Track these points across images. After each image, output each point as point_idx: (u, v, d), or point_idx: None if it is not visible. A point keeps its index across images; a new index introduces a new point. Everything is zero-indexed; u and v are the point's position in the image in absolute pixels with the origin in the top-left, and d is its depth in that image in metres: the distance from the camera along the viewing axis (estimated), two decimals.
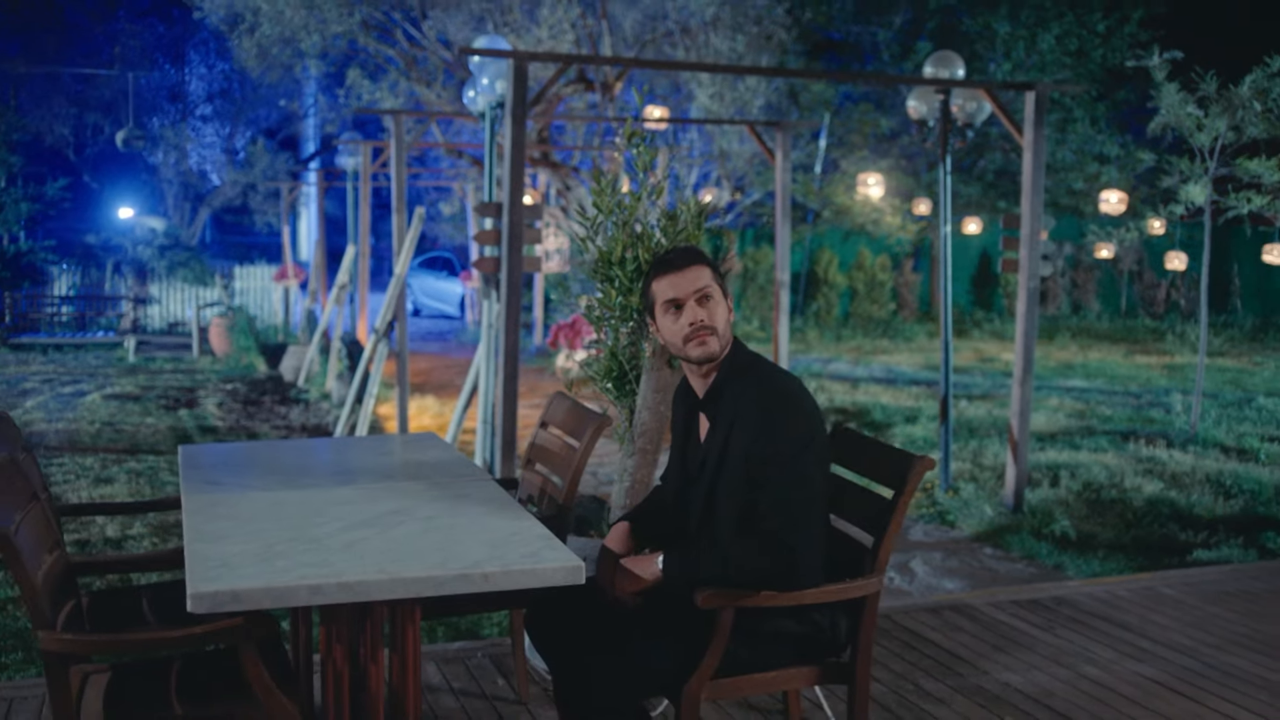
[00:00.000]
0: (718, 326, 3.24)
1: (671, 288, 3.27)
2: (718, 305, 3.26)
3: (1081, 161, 23.76)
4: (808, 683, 3.31)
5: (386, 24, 16.82)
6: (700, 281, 3.24)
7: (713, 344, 3.24)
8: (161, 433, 11.68)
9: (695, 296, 3.24)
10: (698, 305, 3.24)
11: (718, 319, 3.24)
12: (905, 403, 13.66)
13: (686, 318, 3.24)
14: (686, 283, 3.25)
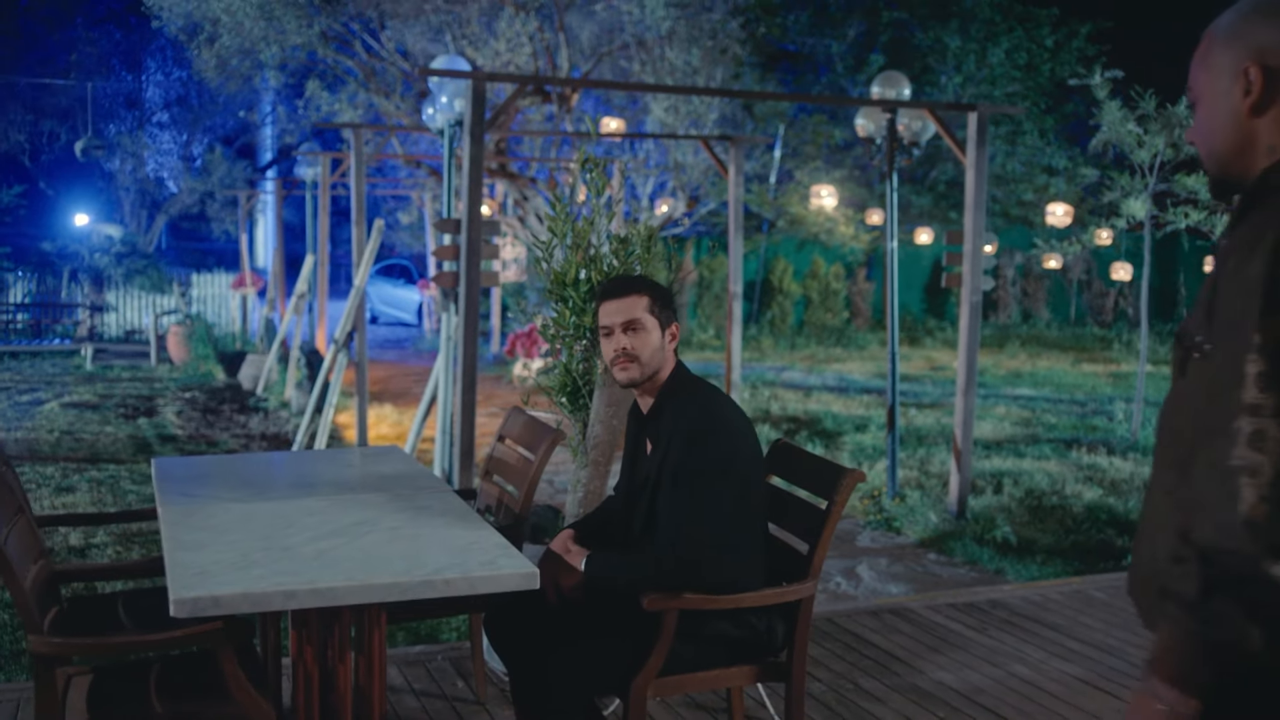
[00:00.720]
0: (641, 355, 3.50)
1: (605, 315, 3.54)
2: (647, 334, 3.51)
3: (1031, 173, 24.24)
4: (747, 681, 3.55)
5: (345, 35, 16.97)
6: (632, 312, 3.50)
7: (633, 370, 3.51)
8: (121, 441, 11.77)
9: (623, 326, 3.50)
10: (624, 334, 3.50)
11: (642, 348, 3.49)
12: (856, 411, 13.96)
13: (613, 344, 3.51)
14: (619, 312, 3.51)
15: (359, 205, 11.21)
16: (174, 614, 2.81)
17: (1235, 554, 1.71)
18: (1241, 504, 1.71)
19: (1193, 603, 1.76)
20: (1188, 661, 1.78)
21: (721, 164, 11.09)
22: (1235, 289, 1.81)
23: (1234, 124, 1.96)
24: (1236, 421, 1.74)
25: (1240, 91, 1.94)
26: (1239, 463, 1.72)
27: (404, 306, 26.37)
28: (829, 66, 24.71)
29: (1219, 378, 1.79)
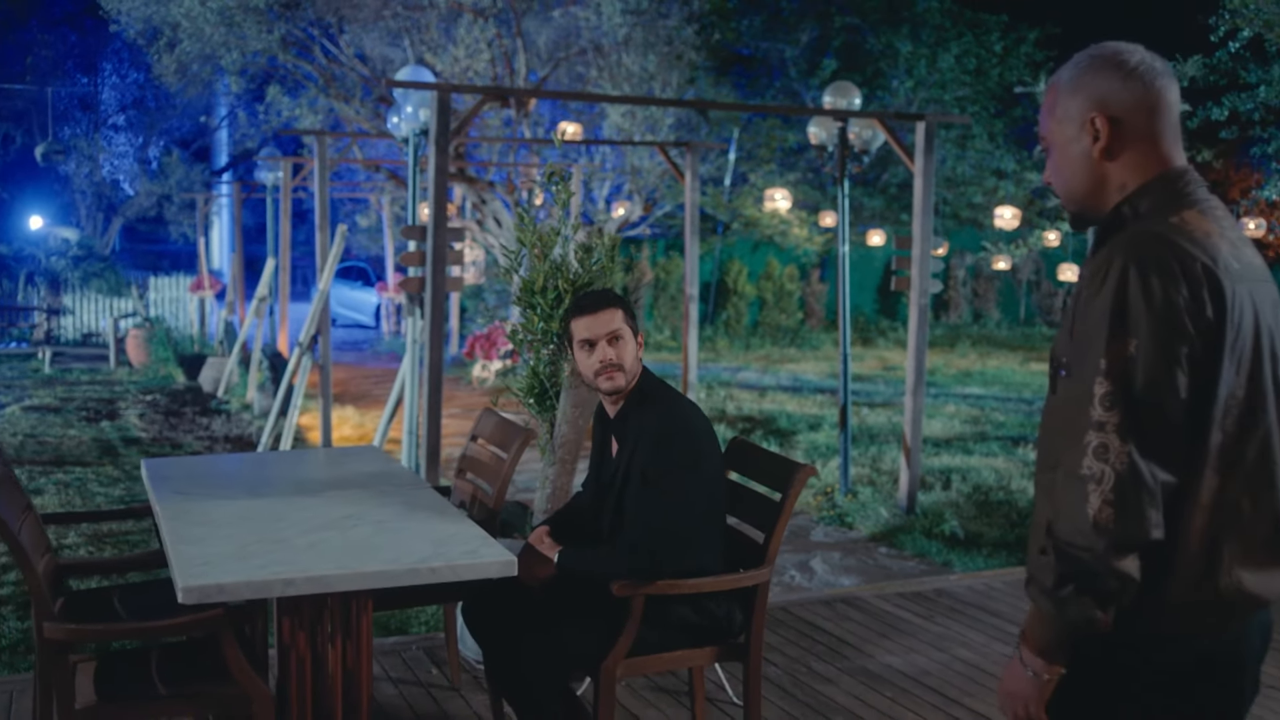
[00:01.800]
0: (625, 364, 3.78)
1: (586, 329, 3.80)
2: (626, 344, 3.79)
3: (980, 176, 24.69)
4: (708, 661, 3.83)
5: (305, 41, 17.12)
6: (612, 324, 3.77)
7: (619, 379, 3.80)
8: (85, 444, 11.89)
9: (607, 337, 3.77)
10: (608, 345, 3.78)
11: (625, 357, 3.77)
12: (810, 410, 14.29)
13: (598, 356, 3.78)
14: (600, 325, 3.78)
15: (323, 210, 11.41)
16: (182, 600, 3.05)
17: (1086, 550, 2.00)
18: (1089, 508, 2.00)
19: (1049, 590, 2.05)
20: (1049, 637, 2.10)
21: (678, 169, 11.37)
22: (1087, 316, 2.08)
23: (1087, 167, 2.24)
24: (1086, 436, 2.02)
25: (1089, 138, 2.22)
26: (1087, 472, 2.01)
27: (361, 309, 26.50)
28: (782, 71, 25.07)
29: (1076, 395, 2.06)
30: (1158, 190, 2.18)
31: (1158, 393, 2.00)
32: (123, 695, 3.34)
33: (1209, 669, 2.15)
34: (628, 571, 3.58)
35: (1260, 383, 2.11)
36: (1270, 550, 2.14)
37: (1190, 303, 2.02)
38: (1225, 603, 2.11)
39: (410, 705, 4.68)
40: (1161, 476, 2.01)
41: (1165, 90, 2.22)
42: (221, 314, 20.05)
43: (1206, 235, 2.09)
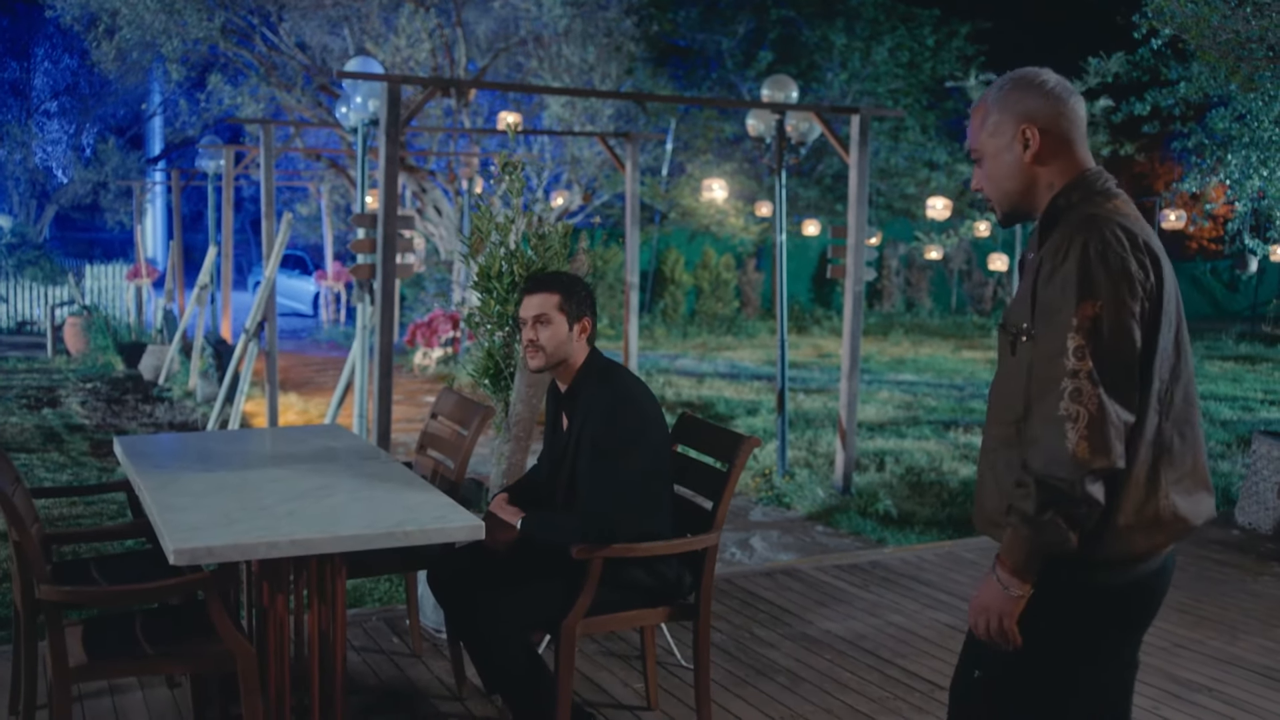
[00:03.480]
0: (546, 346, 4.05)
1: (522, 308, 4.09)
2: (554, 328, 4.05)
3: (913, 167, 25.17)
4: (661, 619, 4.10)
5: (246, 29, 17.15)
6: (542, 308, 4.04)
7: (539, 359, 4.07)
8: (28, 431, 11.92)
9: (534, 319, 4.03)
10: (533, 326, 4.03)
11: (548, 340, 4.03)
12: (747, 396, 14.61)
13: (525, 335, 4.05)
14: (531, 307, 4.07)
15: (269, 199, 11.53)
16: (174, 563, 3.26)
17: (1063, 480, 2.38)
18: (1068, 443, 2.37)
19: (1030, 516, 2.42)
20: (1024, 558, 2.45)
21: (619, 159, 11.60)
22: (1054, 285, 2.45)
23: (1020, 171, 2.65)
24: (1061, 383, 2.40)
25: (1020, 147, 2.62)
26: (1064, 413, 2.38)
27: (299, 297, 26.48)
28: (719, 62, 25.39)
29: (1047, 351, 2.44)
30: (1083, 186, 2.59)
31: (1120, 344, 2.40)
32: (112, 654, 3.54)
33: (1139, 592, 2.57)
34: (585, 536, 3.84)
35: (1181, 340, 2.55)
36: (1194, 479, 2.57)
37: (1140, 270, 2.43)
38: (1162, 524, 2.51)
39: (374, 671, 4.90)
40: (1124, 416, 2.40)
41: (1076, 105, 2.64)
42: (160, 302, 19.99)
43: (1136, 219, 2.54)
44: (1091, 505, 2.40)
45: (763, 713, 4.60)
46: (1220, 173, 10.04)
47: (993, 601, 2.51)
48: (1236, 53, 8.26)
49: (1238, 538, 7.48)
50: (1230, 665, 5.21)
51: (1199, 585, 6.41)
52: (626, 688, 4.80)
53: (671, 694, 4.74)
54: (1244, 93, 8.94)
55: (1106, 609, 2.56)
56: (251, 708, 3.51)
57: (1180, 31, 8.38)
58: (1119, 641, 2.63)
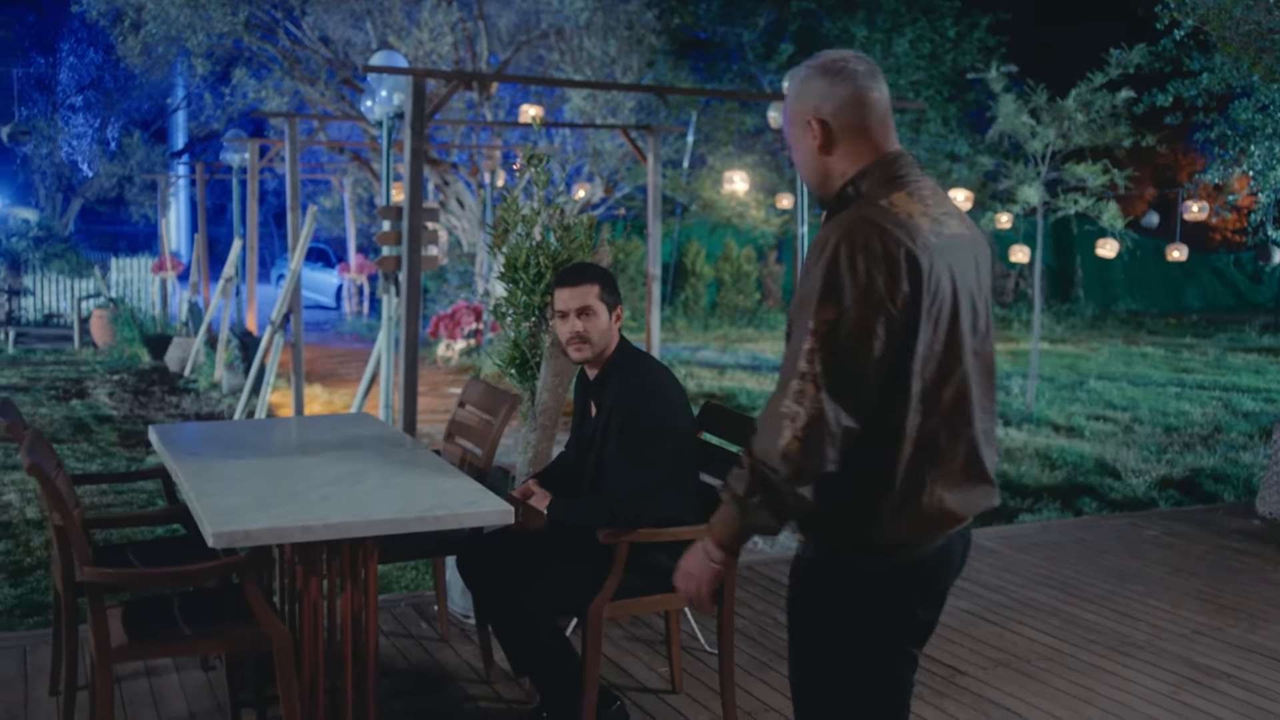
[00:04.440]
0: (592, 337, 4.11)
1: (561, 300, 4.14)
2: (597, 318, 4.11)
3: (934, 159, 25.14)
4: (685, 604, 4.18)
5: (269, 23, 17.27)
6: (586, 299, 4.10)
7: (586, 350, 4.13)
8: (58, 422, 12.06)
9: (577, 311, 4.09)
10: (578, 318, 4.11)
11: (593, 330, 4.10)
12: (769, 388, 14.67)
13: (568, 327, 4.12)
14: (574, 298, 4.11)
15: (294, 192, 11.64)
16: (213, 545, 3.35)
17: (773, 472, 2.41)
18: (781, 439, 2.40)
19: (739, 498, 2.47)
20: (731, 535, 2.54)
21: (640, 152, 11.67)
22: (807, 282, 2.48)
23: (813, 161, 2.65)
24: (792, 382, 2.42)
25: (810, 138, 2.62)
26: (785, 410, 2.41)
27: (322, 290, 26.65)
28: (740, 54, 25.39)
29: (793, 348, 2.47)
30: (874, 173, 2.58)
31: (853, 353, 2.40)
32: (151, 635, 3.64)
33: (919, 574, 2.61)
34: (611, 520, 3.91)
35: (957, 337, 2.54)
36: (966, 475, 2.59)
37: (888, 280, 2.41)
38: (927, 518, 2.55)
39: (404, 655, 5.00)
40: (845, 422, 2.41)
41: (868, 90, 2.60)
42: (185, 294, 20.16)
43: (910, 216, 2.49)
44: (799, 501, 2.43)
45: (785, 696, 4.67)
46: (1243, 164, 10.05)
47: (695, 568, 2.62)
48: (1258, 44, 8.27)
49: (1259, 527, 7.52)
50: (1250, 653, 5.26)
51: (1219, 574, 6.46)
52: (651, 671, 4.88)
53: (695, 677, 4.82)
54: (1266, 84, 8.96)
55: (880, 593, 2.60)
56: (287, 688, 3.60)
57: (1202, 23, 8.39)
58: (897, 623, 2.65)
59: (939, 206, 2.60)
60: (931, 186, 2.62)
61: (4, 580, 6.58)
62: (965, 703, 4.65)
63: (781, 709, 4.56)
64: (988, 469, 2.64)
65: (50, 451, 3.86)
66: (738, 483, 2.47)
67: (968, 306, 2.58)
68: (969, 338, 2.58)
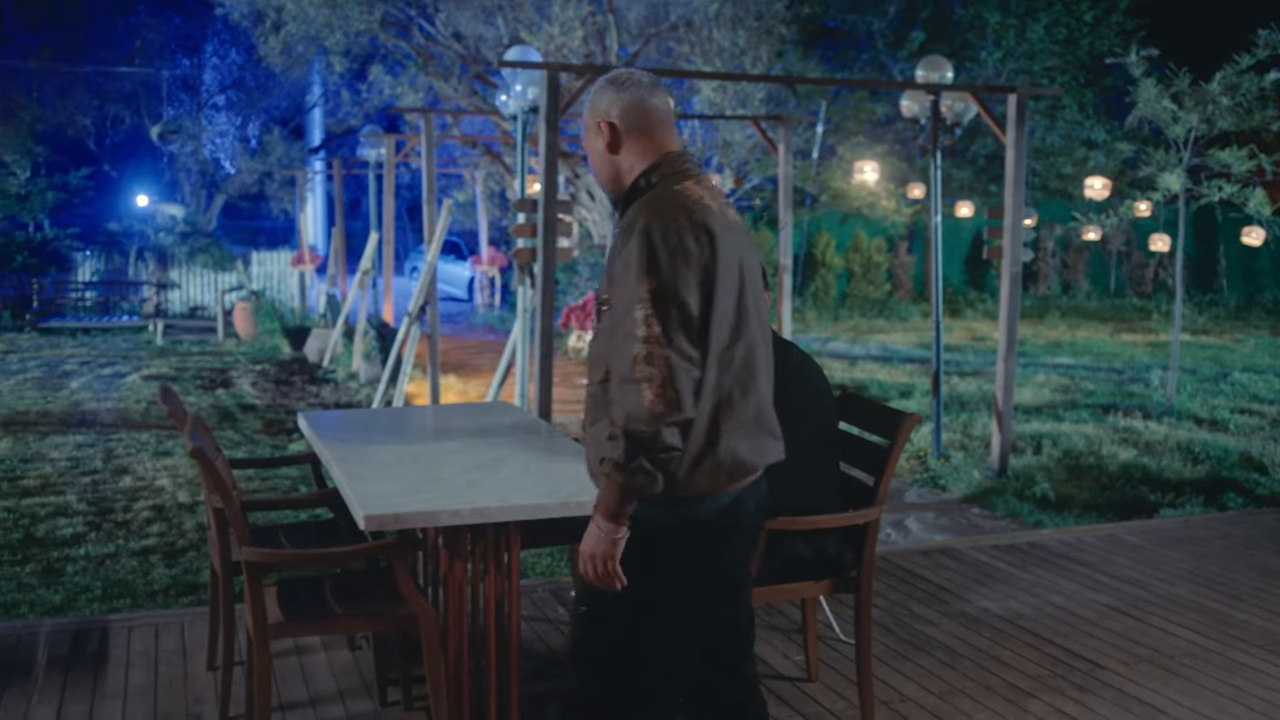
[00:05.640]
0: None
1: None
2: None
3: (1070, 146, 24.60)
4: (823, 591, 4.18)
5: (404, 21, 17.60)
6: None
7: None
8: (205, 411, 12.48)
9: None
10: None
11: None
12: (900, 379, 14.54)
13: None
14: None
15: (430, 186, 11.87)
16: (364, 528, 3.47)
17: (643, 431, 2.67)
18: (644, 400, 2.67)
19: (621, 464, 2.70)
20: (617, 502, 2.76)
21: (771, 142, 11.65)
22: (621, 260, 2.79)
23: (604, 160, 3.01)
24: (635, 348, 2.70)
25: (601, 140, 2.99)
26: (640, 375, 2.68)
27: (455, 282, 27.07)
28: (870, 43, 25.14)
29: (621, 321, 2.75)
30: (663, 166, 2.93)
31: (681, 312, 2.71)
32: (305, 614, 3.78)
33: (719, 522, 2.89)
34: None
35: (744, 306, 2.86)
36: (756, 427, 2.91)
37: (696, 245, 2.75)
38: (723, 467, 2.83)
39: (542, 639, 5.09)
40: (693, 372, 2.73)
41: (649, 98, 2.96)
42: (322, 287, 20.67)
43: (701, 198, 2.86)
44: (672, 450, 2.70)
45: (922, 686, 4.65)
46: None
47: (596, 547, 2.81)
48: None
49: None
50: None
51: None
52: (787, 660, 4.90)
53: (831, 666, 4.83)
54: None
55: (683, 542, 2.87)
56: (434, 667, 3.70)
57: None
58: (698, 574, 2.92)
59: (719, 197, 2.95)
60: (708, 181, 2.96)
61: (160, 561, 6.87)
62: (1107, 698, 4.58)
63: (918, 698, 4.55)
64: (773, 423, 2.99)
65: (210, 436, 4.03)
66: (615, 452, 2.71)
67: (751, 280, 2.93)
68: (755, 307, 2.92)
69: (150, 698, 4.48)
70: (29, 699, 4.44)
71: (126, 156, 28.73)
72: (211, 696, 4.47)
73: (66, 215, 25.40)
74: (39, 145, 24.33)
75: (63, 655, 4.87)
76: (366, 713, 4.35)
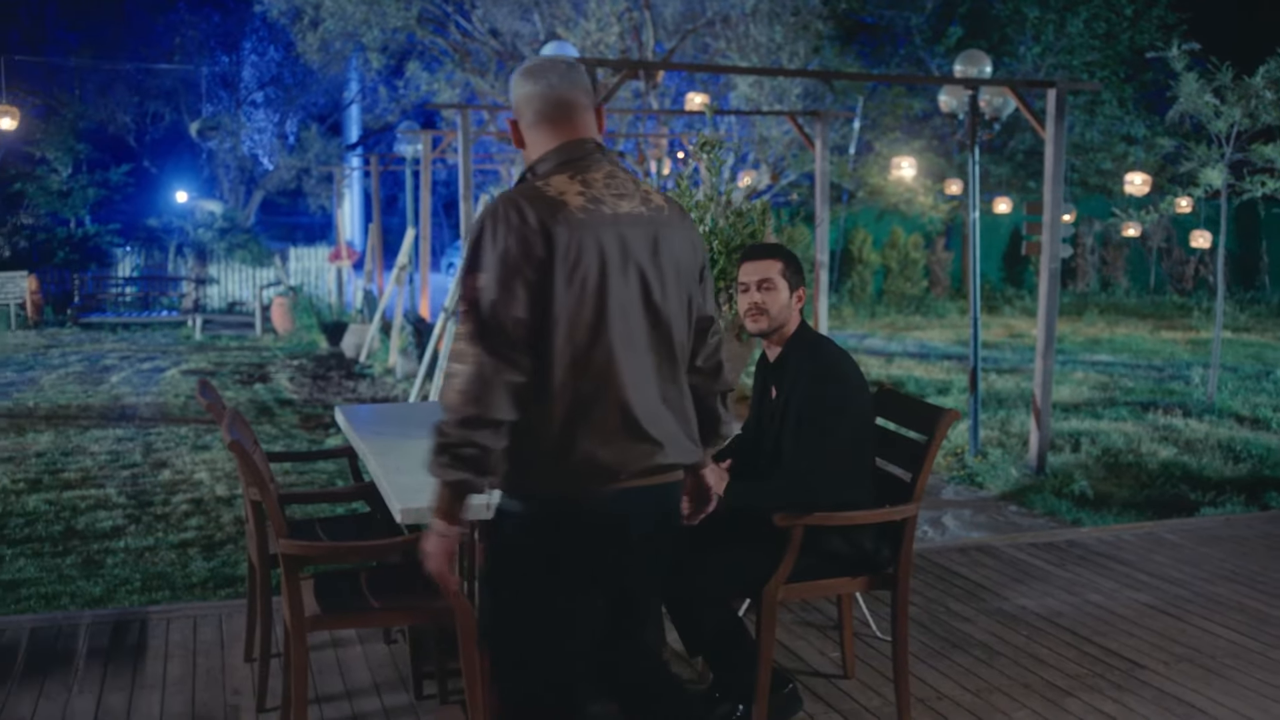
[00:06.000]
0: (770, 310, 4.13)
1: (745, 273, 4.18)
2: (777, 293, 4.13)
3: (1109, 142, 24.42)
4: (859, 588, 4.16)
5: (441, 17, 17.66)
6: (767, 273, 4.13)
7: (762, 322, 4.15)
8: (243, 405, 12.56)
9: (758, 283, 4.13)
10: (758, 290, 4.13)
11: (771, 304, 4.12)
12: (937, 376, 14.46)
13: (748, 298, 4.15)
14: (756, 271, 4.14)
15: (467, 182, 11.88)
16: (401, 522, 3.48)
17: (450, 427, 2.65)
18: (447, 397, 2.67)
19: (431, 462, 2.69)
20: (442, 501, 2.73)
21: (808, 138, 11.61)
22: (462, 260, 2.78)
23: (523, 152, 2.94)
24: (457, 344, 2.70)
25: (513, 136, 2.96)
26: (451, 371, 2.68)
27: None
28: (907, 38, 25.04)
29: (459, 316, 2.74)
30: (550, 159, 2.86)
31: (499, 312, 2.66)
32: (342, 607, 3.79)
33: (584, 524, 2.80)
34: (788, 503, 3.93)
35: (604, 305, 2.74)
36: (618, 432, 2.78)
37: (522, 247, 2.67)
38: (581, 470, 2.75)
39: None
40: (509, 376, 2.66)
41: (553, 88, 2.88)
42: (359, 283, 20.77)
43: (560, 194, 2.75)
44: (480, 448, 2.64)
45: (959, 684, 4.63)
46: None
47: (429, 545, 2.78)
48: None
49: None
50: None
51: None
52: (823, 656, 4.88)
53: (867, 663, 4.81)
54: None
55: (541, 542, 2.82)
56: (469, 661, 3.70)
57: None
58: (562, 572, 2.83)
59: (612, 189, 2.83)
60: (609, 172, 2.85)
61: (198, 554, 6.91)
62: (1147, 697, 4.54)
63: (955, 696, 4.52)
64: (646, 428, 2.80)
65: (248, 429, 4.05)
66: (430, 450, 2.70)
67: (633, 278, 2.80)
68: (634, 307, 2.80)
69: (188, 689, 4.51)
70: (69, 689, 4.48)
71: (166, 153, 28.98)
72: (248, 688, 4.50)
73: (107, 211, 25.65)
74: (80, 142, 24.57)
75: (102, 646, 4.91)
76: (402, 706, 4.36)
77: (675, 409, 2.90)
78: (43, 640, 4.97)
